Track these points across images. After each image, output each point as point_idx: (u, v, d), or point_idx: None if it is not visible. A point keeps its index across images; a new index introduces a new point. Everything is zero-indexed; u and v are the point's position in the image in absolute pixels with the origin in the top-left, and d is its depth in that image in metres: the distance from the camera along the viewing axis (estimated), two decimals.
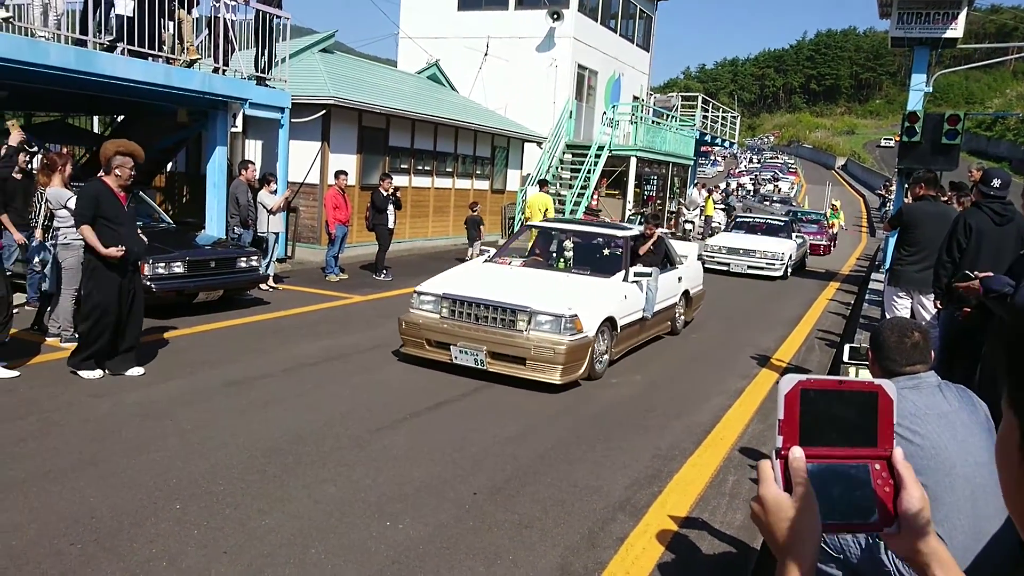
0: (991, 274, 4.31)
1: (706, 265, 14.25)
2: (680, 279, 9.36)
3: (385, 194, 12.38)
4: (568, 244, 8.51)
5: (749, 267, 15.47)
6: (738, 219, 19.24)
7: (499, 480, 4.75)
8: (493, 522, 4.17)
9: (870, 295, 12.30)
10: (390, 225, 12.51)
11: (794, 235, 17.16)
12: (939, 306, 5.43)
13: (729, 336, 9.86)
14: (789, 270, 15.92)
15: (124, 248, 6.04)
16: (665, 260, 9.05)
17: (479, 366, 6.75)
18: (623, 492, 4.70)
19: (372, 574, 3.56)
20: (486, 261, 8.38)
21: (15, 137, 6.25)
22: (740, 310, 12.20)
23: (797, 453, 0.88)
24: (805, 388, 0.88)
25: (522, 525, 4.16)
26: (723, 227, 22.84)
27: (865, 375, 5.36)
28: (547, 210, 15.51)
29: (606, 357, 7.32)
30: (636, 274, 7.78)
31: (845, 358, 5.09)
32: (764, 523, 0.89)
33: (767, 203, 36.82)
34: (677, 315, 9.40)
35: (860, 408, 0.91)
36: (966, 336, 4.78)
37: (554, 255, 8.69)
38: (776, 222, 18.10)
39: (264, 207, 10.87)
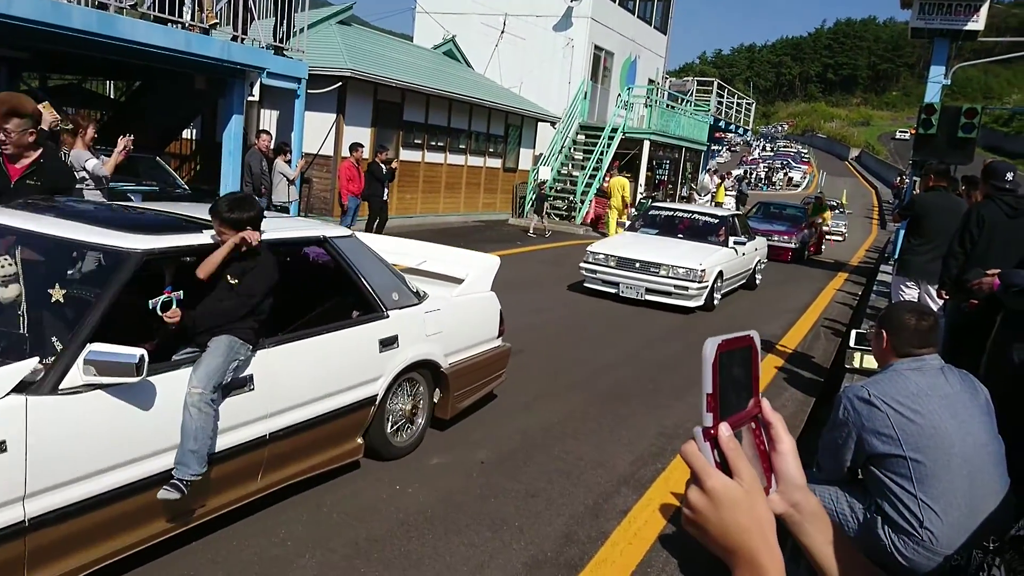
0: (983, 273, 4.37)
1: (586, 283, 10.41)
2: (393, 342, 4.29)
3: (385, 167, 12.65)
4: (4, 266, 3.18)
5: (648, 290, 9.89)
6: (652, 211, 12.66)
7: (506, 451, 4.86)
8: (499, 490, 4.28)
9: (878, 286, 12.33)
10: (384, 197, 12.78)
11: (733, 240, 11.07)
12: (945, 296, 5.50)
13: (734, 323, 9.92)
14: (717, 295, 10.45)
15: None
16: (326, 305, 4.24)
17: None
18: (627, 467, 4.80)
19: (381, 533, 3.68)
20: None
21: (47, 119, 6.28)
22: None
23: (725, 431, 0.75)
24: (722, 351, 0.75)
25: (528, 494, 4.27)
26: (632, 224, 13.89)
27: (870, 361, 5.43)
28: (625, 189, 17.04)
29: None
30: (90, 365, 2.73)
31: (851, 343, 5.17)
32: (714, 522, 0.74)
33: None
34: (391, 419, 4.43)
35: (744, 365, 0.79)
36: (971, 327, 4.83)
37: None
38: (709, 219, 11.84)
39: (285, 176, 11.02)
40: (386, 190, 12.78)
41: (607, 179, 20.40)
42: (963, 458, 2.46)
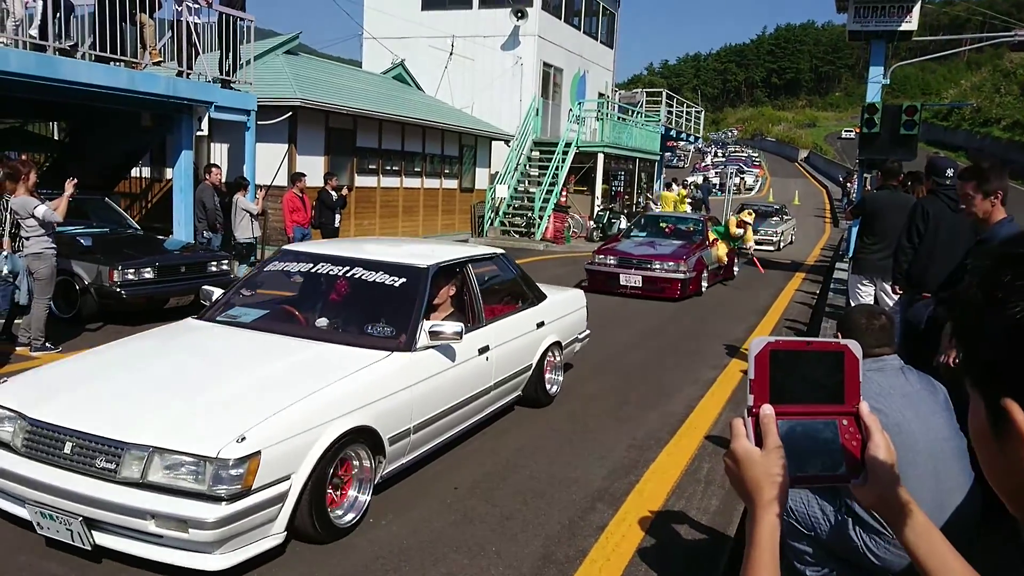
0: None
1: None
2: None
3: (335, 195, 12.64)
4: None
5: (93, 525, 3.27)
6: (282, 261, 5.40)
7: (479, 474, 4.81)
8: (475, 515, 4.24)
9: (835, 284, 12.55)
10: (336, 224, 12.77)
11: (432, 326, 4.42)
12: (898, 291, 5.61)
13: (699, 327, 10.02)
14: (350, 510, 3.90)
15: None
16: None
17: None
18: (601, 482, 4.79)
19: (356, 571, 3.61)
20: None
21: None
22: None
23: (767, 410, 0.92)
24: (774, 349, 0.92)
25: (504, 517, 4.23)
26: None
27: None
28: (676, 203, 19.56)
29: None
30: None
31: None
32: (735, 475, 0.95)
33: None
34: None
35: (828, 367, 0.95)
36: (926, 321, 4.94)
37: None
38: (386, 277, 4.78)
39: (248, 212, 10.91)
40: (338, 217, 12.76)
41: (564, 194, 20.56)
42: (928, 454, 2.50)
